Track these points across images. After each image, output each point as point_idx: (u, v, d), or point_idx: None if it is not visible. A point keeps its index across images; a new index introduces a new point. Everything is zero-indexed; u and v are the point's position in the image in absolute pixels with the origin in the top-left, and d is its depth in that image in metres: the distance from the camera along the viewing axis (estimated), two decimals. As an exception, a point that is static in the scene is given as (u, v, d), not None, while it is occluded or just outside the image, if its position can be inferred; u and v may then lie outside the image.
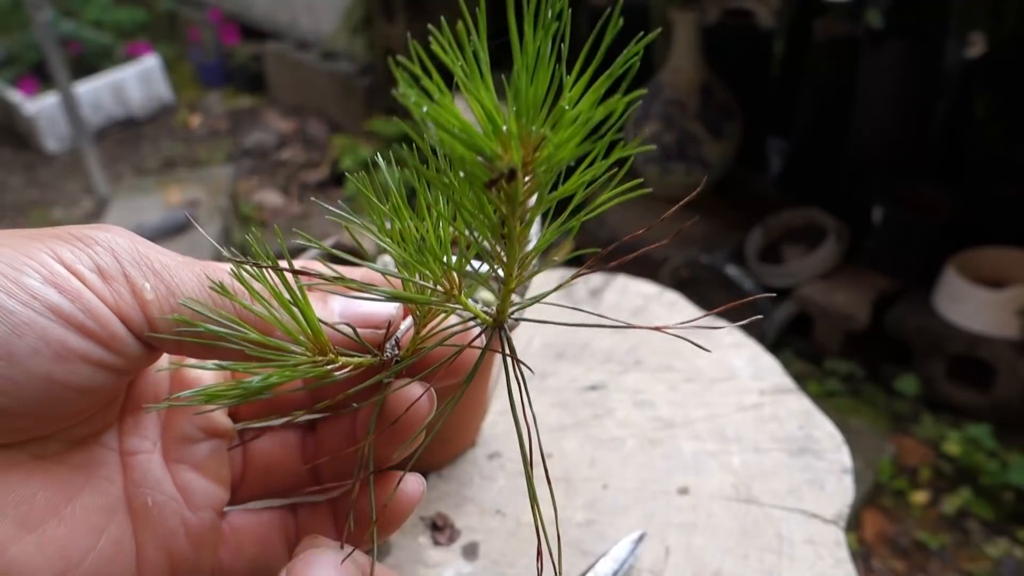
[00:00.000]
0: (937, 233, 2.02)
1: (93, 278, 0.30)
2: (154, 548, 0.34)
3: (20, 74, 3.59)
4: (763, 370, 0.75)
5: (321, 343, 0.33)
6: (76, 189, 3.25)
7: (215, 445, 0.36)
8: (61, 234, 0.31)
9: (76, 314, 0.29)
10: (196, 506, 0.35)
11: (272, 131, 3.48)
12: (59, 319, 0.29)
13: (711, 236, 2.27)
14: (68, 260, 0.30)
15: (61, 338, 0.29)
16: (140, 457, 0.35)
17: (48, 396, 0.29)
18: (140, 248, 0.32)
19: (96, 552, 0.32)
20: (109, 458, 0.34)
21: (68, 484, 0.32)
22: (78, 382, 0.30)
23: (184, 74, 4.04)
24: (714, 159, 2.30)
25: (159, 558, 0.34)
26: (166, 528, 0.34)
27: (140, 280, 0.31)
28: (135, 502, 0.34)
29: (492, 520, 0.63)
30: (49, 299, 0.29)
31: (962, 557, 1.63)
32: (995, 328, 1.84)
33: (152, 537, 0.34)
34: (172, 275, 0.32)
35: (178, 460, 0.35)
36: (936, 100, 2.21)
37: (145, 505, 0.34)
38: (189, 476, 0.35)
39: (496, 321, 0.33)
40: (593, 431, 0.70)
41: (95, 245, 0.31)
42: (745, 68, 2.46)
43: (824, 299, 2.04)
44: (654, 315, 0.82)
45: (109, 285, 0.30)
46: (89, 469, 0.33)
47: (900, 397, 1.97)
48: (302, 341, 0.32)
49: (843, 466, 0.65)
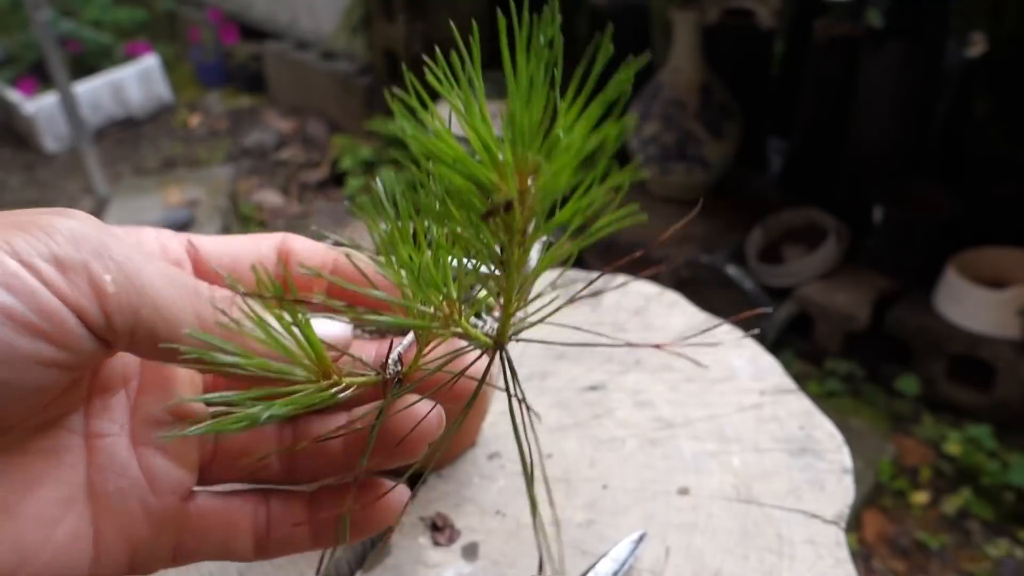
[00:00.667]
0: (937, 233, 2.01)
1: (49, 270, 0.29)
2: (113, 533, 0.33)
3: (19, 74, 3.59)
4: (763, 370, 0.75)
5: (325, 367, 0.32)
6: (75, 189, 3.25)
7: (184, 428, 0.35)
8: (23, 222, 0.29)
9: (27, 315, 0.28)
10: (160, 491, 0.34)
11: (272, 131, 3.47)
12: (8, 321, 0.28)
13: (711, 236, 2.27)
14: (23, 253, 0.29)
15: (8, 340, 0.28)
16: (107, 440, 0.34)
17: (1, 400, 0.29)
18: (105, 239, 0.30)
19: (51, 544, 0.31)
20: (73, 443, 0.33)
21: (25, 476, 0.31)
22: (28, 383, 0.29)
23: (184, 74, 4.04)
24: (714, 159, 2.30)
25: (117, 543, 0.33)
26: (127, 513, 0.33)
27: (101, 272, 0.30)
28: (97, 488, 0.33)
29: (492, 520, 0.63)
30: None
31: (963, 557, 1.63)
32: (996, 328, 1.84)
33: (112, 523, 0.33)
34: (137, 268, 0.30)
35: (146, 443, 0.34)
36: (936, 100, 2.21)
37: (106, 492, 0.33)
38: (156, 460, 0.34)
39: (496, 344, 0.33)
40: (593, 431, 0.70)
41: (56, 234, 0.29)
42: (745, 68, 2.45)
43: (824, 299, 2.04)
44: (654, 315, 0.82)
45: (66, 277, 0.29)
46: (51, 456, 0.32)
47: (900, 397, 1.97)
48: (306, 365, 0.32)
49: (843, 466, 0.65)
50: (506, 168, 0.26)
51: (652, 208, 2.42)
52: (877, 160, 2.19)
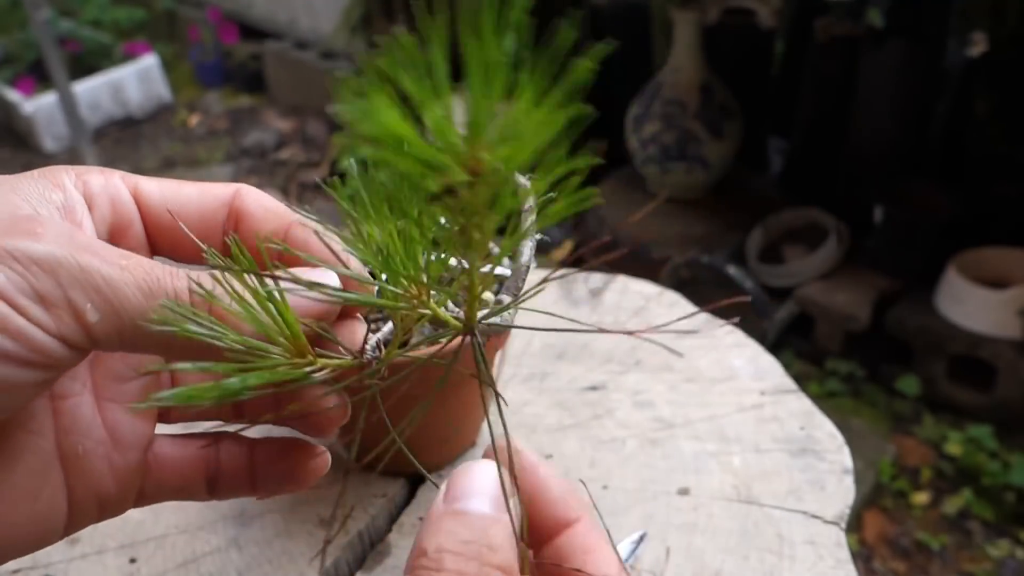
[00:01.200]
0: (938, 233, 2.01)
1: (33, 308, 0.29)
2: (84, 493, 0.34)
3: (18, 73, 3.59)
4: (764, 370, 0.75)
5: (300, 345, 0.32)
6: (75, 189, 3.25)
7: (144, 382, 0.36)
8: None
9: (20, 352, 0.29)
10: (124, 447, 0.35)
11: (271, 130, 3.47)
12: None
13: (711, 236, 2.27)
14: (4, 289, 0.28)
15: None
16: (71, 401, 0.34)
17: None
18: (81, 261, 0.30)
19: (34, 515, 0.32)
20: (40, 406, 0.34)
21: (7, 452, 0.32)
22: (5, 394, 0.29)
23: (183, 73, 4.03)
24: (714, 159, 2.30)
25: (88, 501, 0.34)
26: (95, 473, 0.34)
27: (83, 302, 0.29)
28: (65, 450, 0.34)
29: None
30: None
31: (963, 558, 1.63)
32: (996, 328, 1.83)
33: (82, 483, 0.34)
34: (115, 292, 0.30)
35: (108, 398, 0.35)
36: (937, 99, 2.21)
37: (75, 454, 0.34)
38: (118, 415, 0.35)
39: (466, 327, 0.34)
40: (593, 431, 0.70)
41: (32, 266, 0.29)
42: (746, 68, 2.45)
43: (825, 299, 2.04)
44: (654, 315, 0.82)
45: (51, 313, 0.29)
46: (20, 426, 0.33)
47: (901, 397, 1.97)
48: (280, 342, 0.32)
49: (844, 467, 0.65)
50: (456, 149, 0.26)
51: (652, 208, 2.42)
52: (877, 160, 2.18)
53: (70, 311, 0.29)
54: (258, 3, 3.83)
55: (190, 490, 0.37)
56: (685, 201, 2.39)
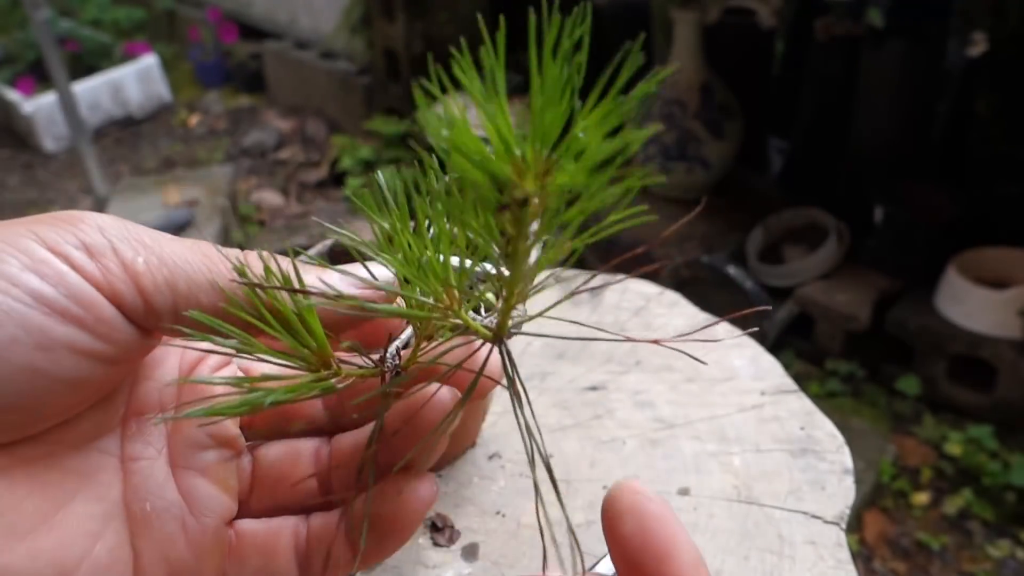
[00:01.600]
0: (938, 233, 2.01)
1: (80, 256, 0.29)
2: (151, 555, 0.32)
3: (18, 73, 3.59)
4: (764, 370, 0.75)
5: (325, 356, 0.32)
6: (74, 188, 3.25)
7: (223, 453, 0.34)
8: (45, 218, 0.30)
9: (59, 300, 0.28)
10: (199, 512, 0.33)
11: (271, 130, 3.47)
12: (40, 306, 0.27)
13: (712, 236, 2.27)
14: (52, 241, 0.28)
15: (42, 326, 0.27)
16: (142, 463, 0.33)
17: (32, 388, 0.28)
18: (128, 226, 0.30)
19: (91, 560, 0.30)
20: (107, 464, 0.32)
21: (59, 489, 0.30)
22: (64, 373, 0.28)
23: (183, 73, 4.03)
24: (714, 159, 2.30)
25: (158, 566, 0.32)
26: (164, 534, 0.32)
27: (130, 253, 0.29)
28: (133, 508, 0.32)
29: (492, 521, 0.62)
30: (30, 285, 0.27)
31: (964, 558, 1.63)
32: (997, 328, 1.83)
33: (150, 544, 0.32)
34: (163, 247, 0.30)
35: (185, 466, 0.33)
36: (938, 99, 2.20)
37: (143, 510, 0.32)
38: (195, 482, 0.33)
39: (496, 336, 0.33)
40: (593, 431, 0.70)
41: (81, 224, 0.29)
42: (746, 67, 2.45)
43: (825, 299, 2.04)
44: (655, 315, 0.81)
45: (97, 262, 0.29)
46: (84, 474, 0.31)
47: (901, 397, 1.97)
48: (306, 355, 0.32)
49: (844, 467, 0.65)
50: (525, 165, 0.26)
51: (653, 208, 2.41)
52: (878, 160, 2.18)
53: (116, 260, 0.29)
54: (258, 3, 3.83)
55: (275, 567, 0.34)
56: (685, 201, 2.39)
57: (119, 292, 0.29)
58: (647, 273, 0.77)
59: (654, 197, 2.43)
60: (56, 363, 0.28)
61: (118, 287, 0.29)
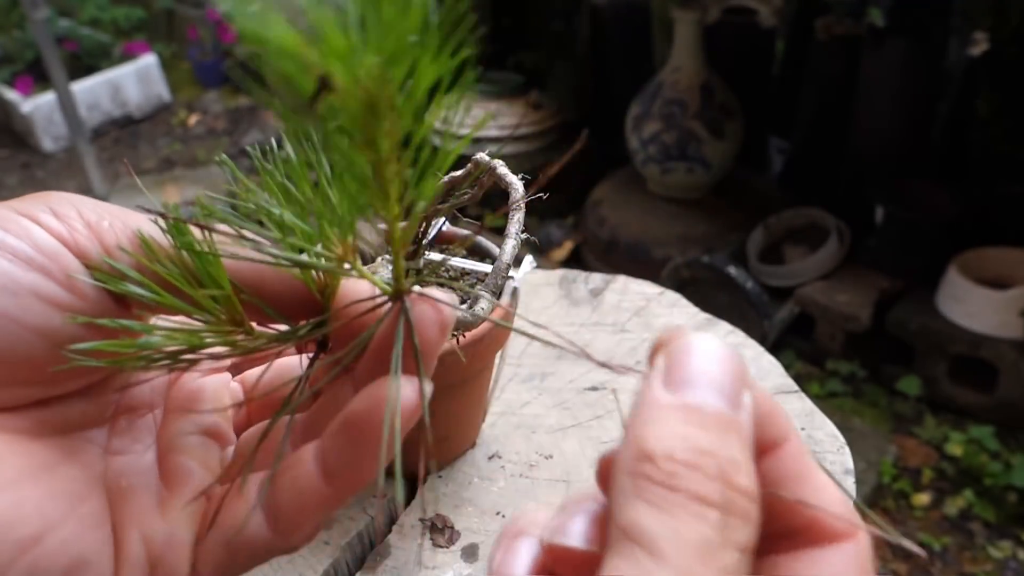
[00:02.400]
0: (939, 233, 2.01)
1: (47, 217, 0.30)
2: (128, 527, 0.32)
3: (17, 73, 3.58)
4: (764, 371, 0.74)
5: (233, 312, 0.31)
6: (73, 188, 3.24)
7: (207, 441, 0.35)
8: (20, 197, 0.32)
9: (23, 249, 0.29)
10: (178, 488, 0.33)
11: (270, 130, 3.47)
12: (5, 253, 0.29)
13: (712, 236, 2.26)
14: (22, 208, 0.30)
15: (7, 270, 0.29)
16: (126, 457, 0.34)
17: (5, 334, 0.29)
18: (92, 201, 0.32)
19: (76, 517, 0.30)
20: (91, 449, 0.33)
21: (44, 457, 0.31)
22: (34, 320, 0.29)
23: (182, 73, 4.03)
24: (715, 159, 2.29)
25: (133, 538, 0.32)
26: (141, 507, 0.32)
27: (94, 216, 0.31)
28: (111, 484, 0.33)
29: (492, 521, 0.62)
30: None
31: (965, 559, 1.62)
32: (998, 328, 1.83)
33: (126, 517, 0.32)
34: (128, 215, 0.32)
35: (170, 449, 0.34)
36: (938, 99, 2.20)
37: (119, 486, 0.33)
38: (178, 460, 0.34)
39: (396, 292, 0.29)
40: (593, 432, 0.69)
41: (49, 196, 0.32)
42: (746, 67, 2.45)
43: (826, 299, 2.03)
44: (655, 316, 0.81)
45: (64, 222, 0.31)
46: (67, 451, 0.32)
47: (902, 398, 1.96)
48: (212, 307, 0.31)
49: (845, 467, 0.65)
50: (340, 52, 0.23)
51: (653, 208, 2.41)
52: (879, 159, 2.18)
53: (82, 220, 0.31)
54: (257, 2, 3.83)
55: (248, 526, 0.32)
56: (686, 201, 2.39)
57: (84, 248, 0.30)
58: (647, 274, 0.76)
59: (654, 197, 2.43)
60: (24, 309, 0.29)
61: (83, 243, 0.30)
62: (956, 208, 2.01)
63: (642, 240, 2.30)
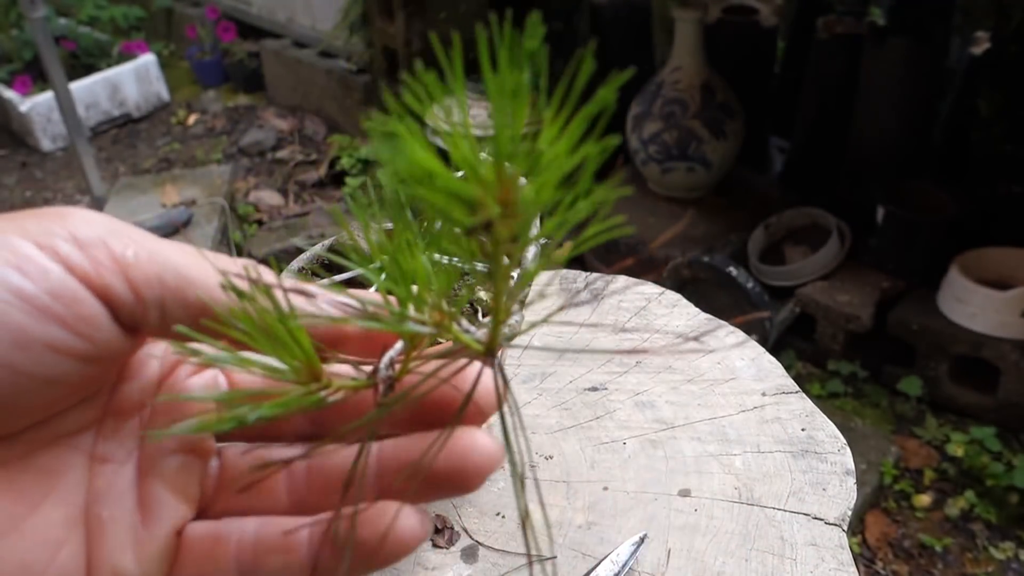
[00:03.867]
0: (941, 233, 2.00)
1: (68, 248, 0.28)
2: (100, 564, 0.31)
3: (15, 72, 3.58)
4: (765, 371, 0.74)
5: (314, 369, 0.31)
6: (71, 188, 3.24)
7: (188, 460, 0.33)
8: (35, 213, 0.29)
9: (39, 297, 0.27)
10: (152, 521, 0.32)
11: (270, 130, 3.46)
12: (20, 303, 0.27)
13: (713, 236, 2.26)
14: (39, 236, 0.28)
15: (21, 324, 0.27)
16: (110, 466, 0.32)
17: (10, 386, 0.27)
18: (117, 221, 0.30)
19: (55, 566, 0.30)
20: (77, 462, 0.32)
21: (31, 492, 0.30)
22: (43, 371, 0.28)
23: (181, 72, 4.02)
24: (715, 158, 2.29)
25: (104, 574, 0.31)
26: (114, 543, 0.31)
27: (120, 245, 0.29)
28: (91, 512, 0.32)
29: (492, 522, 0.62)
30: (10, 282, 0.27)
31: (967, 560, 1.62)
32: (1000, 329, 1.82)
33: (99, 551, 0.31)
34: (151, 242, 0.30)
35: (149, 470, 0.33)
36: (940, 98, 2.20)
37: (99, 518, 0.31)
38: (154, 488, 0.32)
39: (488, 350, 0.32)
40: (593, 432, 0.69)
41: (70, 217, 0.29)
42: (747, 66, 2.44)
43: (826, 299, 2.03)
44: (655, 316, 0.81)
45: (87, 253, 0.28)
46: (54, 475, 0.31)
47: (903, 398, 1.96)
48: (294, 366, 0.30)
49: (846, 468, 0.64)
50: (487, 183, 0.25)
51: (653, 208, 2.41)
52: (880, 159, 2.17)
53: (106, 251, 0.29)
54: (256, 1, 3.83)
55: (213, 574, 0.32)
56: (686, 201, 2.38)
57: (108, 284, 0.28)
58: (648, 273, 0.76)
59: (654, 197, 2.43)
60: (35, 361, 0.27)
61: (108, 278, 0.28)
62: (957, 208, 2.01)
63: (641, 240, 2.30)
